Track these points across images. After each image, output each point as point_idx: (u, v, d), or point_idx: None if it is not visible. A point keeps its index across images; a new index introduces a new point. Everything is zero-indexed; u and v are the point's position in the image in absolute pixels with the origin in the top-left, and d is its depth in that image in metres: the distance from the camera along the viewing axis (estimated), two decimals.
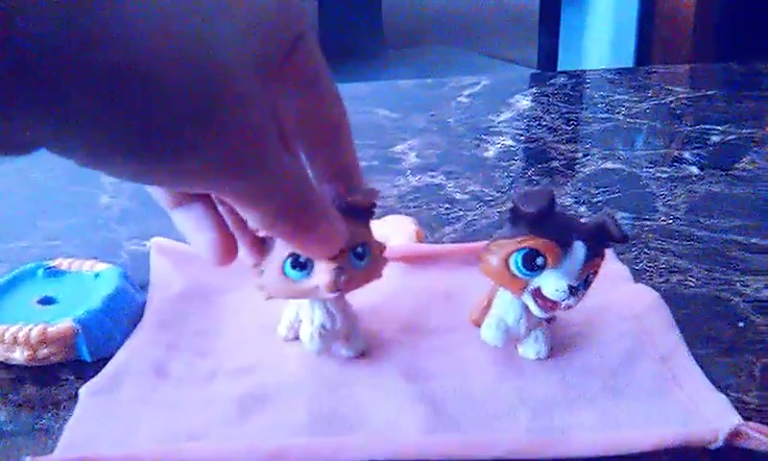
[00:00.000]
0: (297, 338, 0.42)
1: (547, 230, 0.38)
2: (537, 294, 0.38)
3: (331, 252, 0.35)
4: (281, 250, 0.37)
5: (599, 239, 0.38)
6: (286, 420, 0.37)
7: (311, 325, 0.40)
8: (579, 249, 0.37)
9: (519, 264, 0.38)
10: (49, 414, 0.38)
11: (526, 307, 0.40)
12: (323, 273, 0.36)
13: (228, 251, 0.35)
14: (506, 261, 0.38)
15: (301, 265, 0.37)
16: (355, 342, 0.41)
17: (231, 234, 0.34)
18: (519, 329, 0.40)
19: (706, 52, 1.95)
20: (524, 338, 0.41)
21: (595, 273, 0.39)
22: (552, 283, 0.37)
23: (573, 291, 0.37)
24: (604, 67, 1.75)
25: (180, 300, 0.46)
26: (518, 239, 0.38)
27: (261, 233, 0.37)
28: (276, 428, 0.36)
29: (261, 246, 0.37)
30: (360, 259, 0.37)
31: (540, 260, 0.37)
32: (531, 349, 0.41)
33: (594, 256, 0.38)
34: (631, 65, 2.09)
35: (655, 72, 1.02)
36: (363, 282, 0.39)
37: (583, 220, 0.40)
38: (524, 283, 0.38)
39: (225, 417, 0.37)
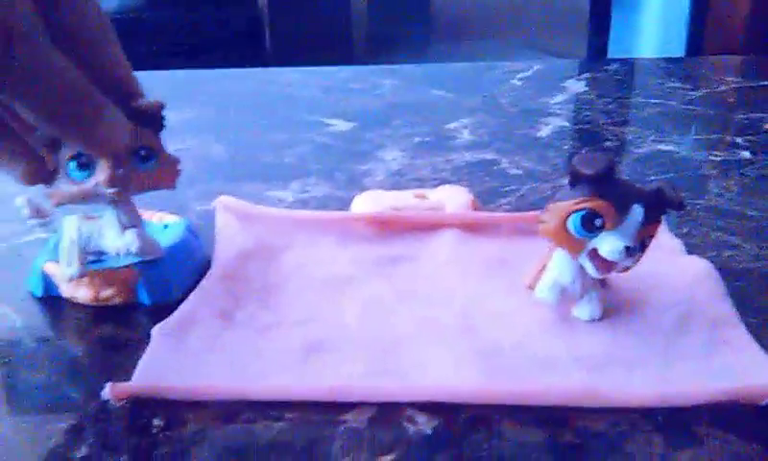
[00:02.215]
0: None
1: (606, 192, 0.39)
2: (594, 255, 0.39)
3: (113, 147, 0.37)
4: (65, 153, 0.40)
5: (656, 204, 0.40)
6: (349, 367, 0.39)
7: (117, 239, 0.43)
8: (637, 212, 0.39)
9: (578, 225, 0.39)
10: (122, 351, 0.40)
11: (581, 269, 0.41)
12: (103, 171, 0.39)
13: (37, 174, 0.39)
14: (564, 222, 0.39)
15: (84, 165, 0.39)
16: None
17: (40, 158, 0.39)
18: (575, 290, 0.42)
19: (758, 44, 1.93)
20: (579, 299, 0.42)
21: (651, 237, 0.40)
22: (609, 244, 0.39)
23: (630, 252, 0.38)
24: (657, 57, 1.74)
25: (244, 255, 0.48)
26: (577, 200, 0.39)
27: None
28: (338, 372, 0.38)
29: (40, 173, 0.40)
30: (144, 162, 0.41)
31: (598, 221, 0.38)
32: (585, 310, 0.42)
33: (651, 221, 0.39)
34: (682, 56, 2.08)
35: (706, 63, 1.02)
36: (149, 185, 0.42)
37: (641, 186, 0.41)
38: (582, 244, 0.39)
39: (288, 361, 0.39)
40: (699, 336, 0.41)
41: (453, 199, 0.54)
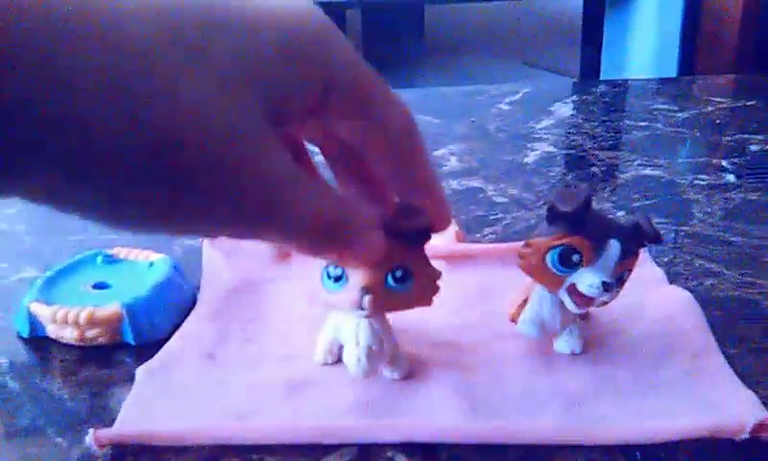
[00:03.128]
0: (337, 361, 0.42)
1: (583, 228, 0.39)
2: (572, 290, 0.40)
3: (363, 264, 0.35)
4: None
5: (634, 239, 0.40)
6: (331, 404, 0.39)
7: (356, 346, 0.40)
8: (614, 247, 0.39)
9: (556, 261, 0.39)
10: (107, 392, 0.41)
11: (561, 303, 0.41)
12: (352, 290, 0.37)
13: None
14: (543, 258, 0.40)
15: (336, 278, 0.37)
16: (400, 363, 0.41)
17: None
18: (555, 324, 0.42)
19: (750, 63, 1.94)
20: (559, 333, 0.43)
21: (630, 271, 0.40)
22: (587, 279, 0.39)
23: (607, 287, 0.39)
24: (646, 78, 1.75)
25: (230, 291, 0.48)
26: (555, 237, 0.39)
27: None
28: (322, 410, 0.38)
29: None
30: (399, 282, 0.37)
31: (575, 257, 0.39)
32: (566, 344, 0.43)
33: (629, 255, 0.40)
34: (674, 76, 2.09)
35: (696, 82, 1.03)
36: (402, 307, 0.38)
37: (618, 220, 0.41)
38: (560, 280, 0.40)
39: (272, 398, 0.39)
40: (679, 368, 0.41)
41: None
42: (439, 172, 0.70)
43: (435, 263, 0.50)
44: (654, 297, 0.47)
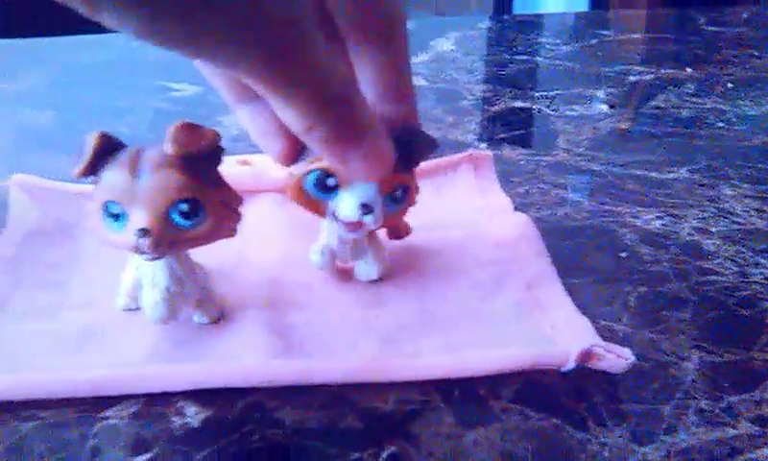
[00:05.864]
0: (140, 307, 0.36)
1: None
2: (337, 215, 0.36)
3: (374, 173, 0.30)
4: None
5: (401, 151, 0.33)
6: (125, 353, 0.35)
7: (153, 288, 0.35)
8: None
9: (313, 186, 0.36)
10: None
11: None
12: (130, 230, 0.32)
13: (292, 157, 0.35)
14: (301, 185, 0.36)
15: (116, 216, 0.32)
16: (208, 306, 0.37)
17: (296, 140, 0.30)
18: (344, 253, 0.39)
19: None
20: (355, 261, 0.40)
21: (406, 186, 0.36)
22: (344, 204, 0.35)
23: (367, 209, 0.35)
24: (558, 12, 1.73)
25: (33, 235, 0.43)
26: (310, 160, 0.35)
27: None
28: (113, 361, 0.34)
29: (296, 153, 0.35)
30: (186, 217, 0.32)
31: (331, 181, 0.35)
32: (362, 271, 0.40)
33: (397, 170, 0.34)
34: (585, 10, 2.06)
35: (584, 17, 1.00)
36: (197, 243, 0.34)
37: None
38: (324, 205, 0.36)
39: (58, 349, 0.35)
40: (512, 297, 0.38)
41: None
42: None
43: (268, 195, 0.47)
44: (493, 226, 0.44)
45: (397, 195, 0.36)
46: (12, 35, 0.87)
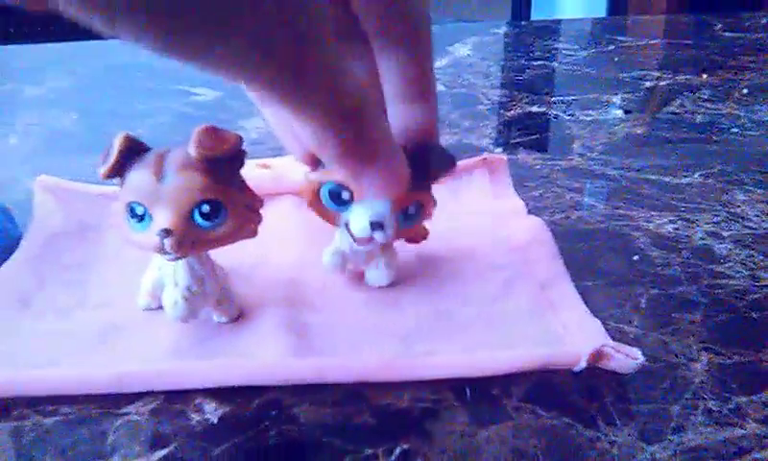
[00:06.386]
0: (162, 306, 0.37)
1: None
2: (348, 228, 0.37)
3: (387, 192, 0.30)
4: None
5: (417, 168, 0.32)
6: (145, 351, 0.36)
7: (175, 287, 0.36)
8: None
9: (327, 198, 0.37)
10: None
11: None
12: (153, 231, 0.33)
13: (315, 158, 0.35)
14: (317, 194, 0.37)
15: (140, 217, 0.33)
16: (227, 305, 0.38)
17: None
18: (357, 258, 0.39)
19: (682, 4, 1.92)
20: (365, 267, 0.40)
21: (422, 204, 0.37)
22: (355, 219, 0.36)
23: (377, 227, 0.36)
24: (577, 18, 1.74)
25: (57, 235, 0.44)
26: (326, 172, 0.36)
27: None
28: (133, 358, 0.35)
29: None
30: (208, 218, 0.33)
31: (345, 195, 0.36)
32: (374, 277, 0.40)
33: (413, 187, 0.32)
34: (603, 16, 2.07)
35: (601, 23, 1.00)
36: (218, 243, 0.34)
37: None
38: (338, 216, 0.37)
39: (79, 347, 0.36)
40: (525, 298, 0.38)
41: (295, 168, 0.51)
42: None
43: (288, 199, 0.48)
44: (507, 230, 0.44)
45: (411, 212, 0.37)
46: (39, 40, 0.88)
